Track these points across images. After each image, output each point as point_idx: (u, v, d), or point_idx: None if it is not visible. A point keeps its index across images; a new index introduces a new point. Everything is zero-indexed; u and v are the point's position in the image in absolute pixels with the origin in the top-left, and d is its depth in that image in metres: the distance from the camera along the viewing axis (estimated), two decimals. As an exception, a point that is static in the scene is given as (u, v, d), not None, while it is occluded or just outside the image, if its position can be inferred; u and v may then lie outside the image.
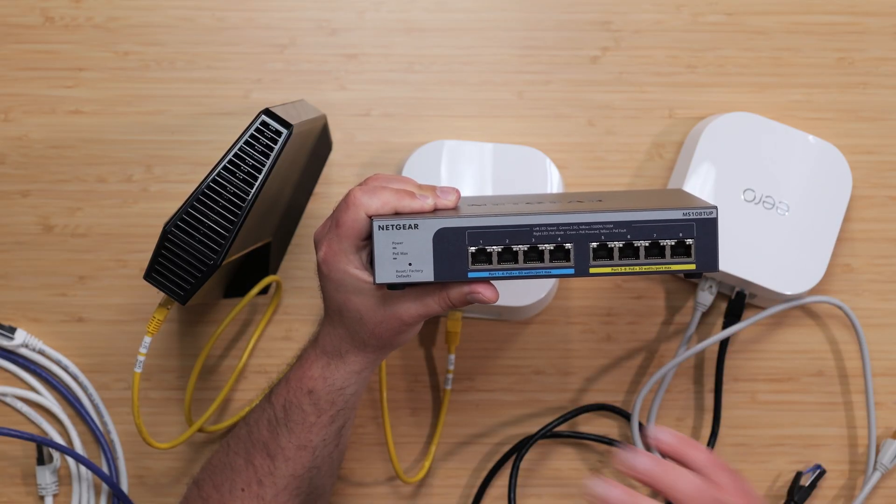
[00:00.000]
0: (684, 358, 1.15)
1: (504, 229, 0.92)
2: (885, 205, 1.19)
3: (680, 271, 0.93)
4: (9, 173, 1.16)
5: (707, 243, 0.92)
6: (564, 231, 0.92)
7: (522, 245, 0.92)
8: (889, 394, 1.19)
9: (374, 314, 0.96)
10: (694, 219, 0.92)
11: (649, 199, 0.99)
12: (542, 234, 0.92)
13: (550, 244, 0.92)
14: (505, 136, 1.17)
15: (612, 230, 0.92)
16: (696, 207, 0.92)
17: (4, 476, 1.17)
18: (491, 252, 0.92)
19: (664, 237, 0.92)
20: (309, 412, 0.99)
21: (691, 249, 0.92)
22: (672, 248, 0.92)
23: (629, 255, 0.92)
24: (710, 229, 0.92)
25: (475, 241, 0.92)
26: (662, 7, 1.18)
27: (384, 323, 0.96)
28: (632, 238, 0.92)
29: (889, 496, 1.19)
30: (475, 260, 0.92)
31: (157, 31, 1.16)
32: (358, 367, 0.99)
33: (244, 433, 1.02)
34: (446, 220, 0.91)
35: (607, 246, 0.92)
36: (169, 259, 0.99)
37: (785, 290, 1.13)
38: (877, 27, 1.18)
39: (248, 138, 0.99)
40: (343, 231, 0.94)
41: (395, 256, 0.91)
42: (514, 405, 1.19)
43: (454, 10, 1.18)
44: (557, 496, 1.19)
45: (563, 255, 0.92)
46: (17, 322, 1.17)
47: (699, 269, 0.93)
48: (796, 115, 1.18)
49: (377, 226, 0.91)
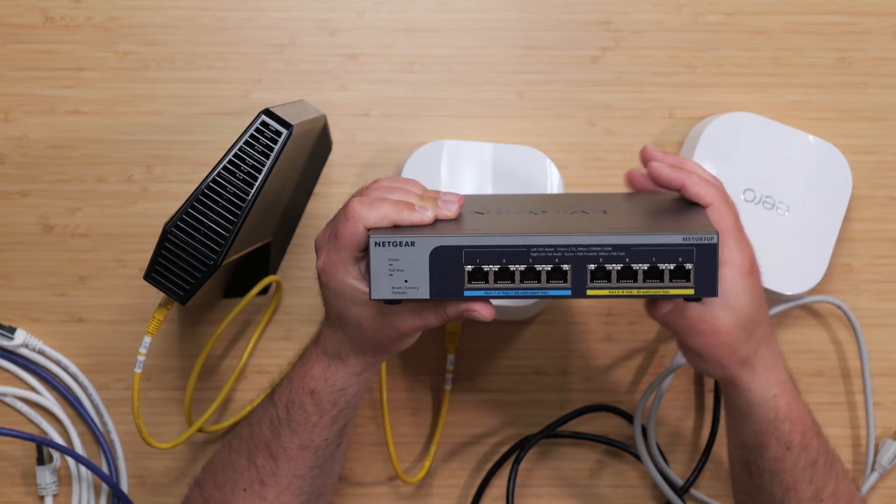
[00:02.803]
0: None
1: (501, 249, 0.91)
2: (885, 205, 1.19)
3: (678, 296, 0.91)
4: (9, 173, 1.16)
5: (707, 268, 0.90)
6: (562, 252, 0.91)
7: (519, 265, 0.91)
8: (889, 394, 1.19)
9: (373, 323, 0.95)
10: (694, 244, 0.90)
11: (653, 213, 0.98)
12: (539, 254, 0.91)
13: (548, 265, 0.91)
14: (505, 136, 1.17)
15: (611, 253, 0.91)
16: (697, 232, 0.90)
17: (4, 476, 1.17)
18: (487, 271, 0.91)
19: (663, 261, 0.91)
20: (311, 412, 0.99)
21: (691, 274, 0.91)
22: (671, 272, 0.91)
23: (627, 277, 0.91)
24: (711, 255, 0.90)
25: (472, 259, 0.91)
26: (662, 7, 1.18)
27: (382, 332, 0.96)
28: (630, 261, 0.91)
29: (889, 496, 1.19)
30: (471, 278, 0.91)
31: (157, 31, 1.16)
32: (358, 369, 0.99)
33: (246, 433, 1.02)
34: (443, 238, 0.91)
35: (605, 268, 0.91)
36: (169, 259, 0.99)
37: (785, 290, 1.13)
38: (877, 27, 1.18)
39: (248, 138, 0.99)
40: (341, 243, 0.94)
41: (392, 273, 0.91)
42: (514, 405, 1.19)
43: (454, 10, 1.18)
44: (557, 496, 1.19)
45: (560, 275, 0.91)
46: (17, 322, 1.17)
47: (698, 294, 0.91)
48: (796, 115, 1.18)
49: (374, 242, 0.91)
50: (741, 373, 0.99)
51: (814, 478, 1.01)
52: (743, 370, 0.99)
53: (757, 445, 1.01)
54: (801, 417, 1.01)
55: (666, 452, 1.19)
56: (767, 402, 0.99)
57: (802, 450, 1.00)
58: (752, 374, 0.99)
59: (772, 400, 0.99)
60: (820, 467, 1.01)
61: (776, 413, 0.99)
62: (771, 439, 1.00)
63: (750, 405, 1.00)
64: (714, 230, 0.91)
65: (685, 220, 0.94)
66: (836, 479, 1.02)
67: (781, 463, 1.00)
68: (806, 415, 1.01)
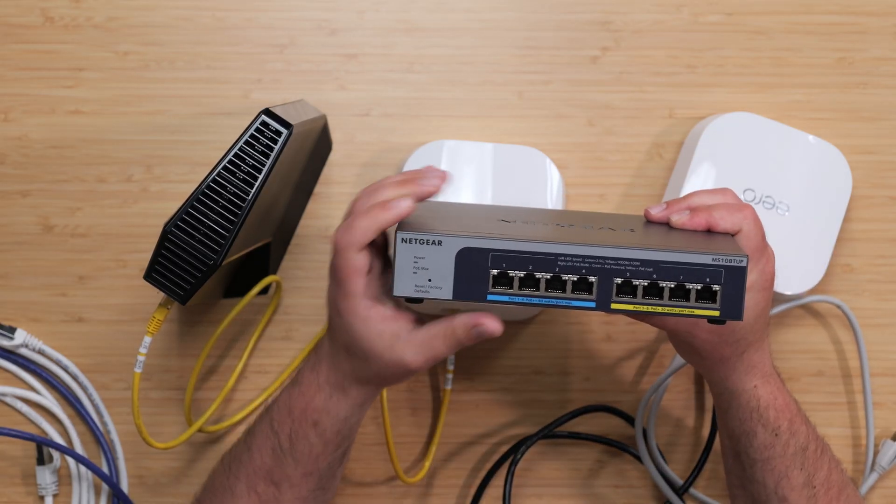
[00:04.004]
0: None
1: (528, 255, 0.90)
2: (885, 205, 1.19)
3: (703, 316, 0.91)
4: (9, 173, 1.16)
5: (734, 291, 0.90)
6: (590, 263, 0.90)
7: (546, 273, 0.90)
8: (889, 394, 1.19)
9: (380, 359, 0.94)
10: (723, 265, 0.90)
11: (681, 234, 0.96)
12: (566, 264, 0.90)
13: (574, 275, 0.90)
14: (505, 136, 1.17)
15: (638, 268, 0.90)
16: (726, 253, 0.90)
17: (4, 476, 1.17)
18: (513, 277, 0.90)
19: (690, 280, 0.90)
20: (315, 443, 0.98)
21: (717, 296, 0.90)
22: (697, 292, 0.90)
23: (653, 294, 0.90)
24: (739, 277, 0.90)
25: (498, 263, 0.90)
26: (662, 7, 1.18)
27: (389, 368, 0.95)
28: (657, 278, 0.90)
29: (889, 496, 1.19)
30: (496, 283, 0.90)
31: (157, 31, 1.16)
32: (360, 400, 0.98)
33: (246, 458, 1.01)
34: (471, 240, 0.90)
35: (632, 283, 0.90)
36: (169, 259, 0.99)
37: (785, 290, 1.13)
38: (877, 27, 1.18)
39: (248, 138, 0.99)
40: (341, 276, 0.93)
41: (416, 271, 0.90)
42: (514, 405, 1.19)
43: (454, 10, 1.18)
44: (557, 496, 1.19)
45: (585, 287, 0.90)
46: (17, 322, 1.17)
47: (723, 316, 0.90)
48: (796, 115, 1.18)
49: (401, 238, 0.90)
50: (718, 366, 1.00)
51: (805, 464, 1.00)
52: (722, 366, 1.00)
53: (745, 434, 1.01)
54: (786, 405, 1.01)
55: (665, 452, 1.19)
56: (747, 391, 1.00)
57: (791, 436, 1.00)
58: (731, 369, 0.99)
59: (751, 390, 1.00)
60: (811, 453, 1.01)
61: (757, 401, 1.00)
62: (757, 426, 1.00)
63: (730, 393, 1.00)
64: (744, 254, 0.90)
65: (714, 242, 0.94)
66: (828, 466, 1.02)
67: (771, 450, 1.00)
68: (792, 403, 1.01)
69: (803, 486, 1.00)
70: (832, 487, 1.01)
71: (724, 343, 0.98)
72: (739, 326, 0.97)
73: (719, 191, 1.00)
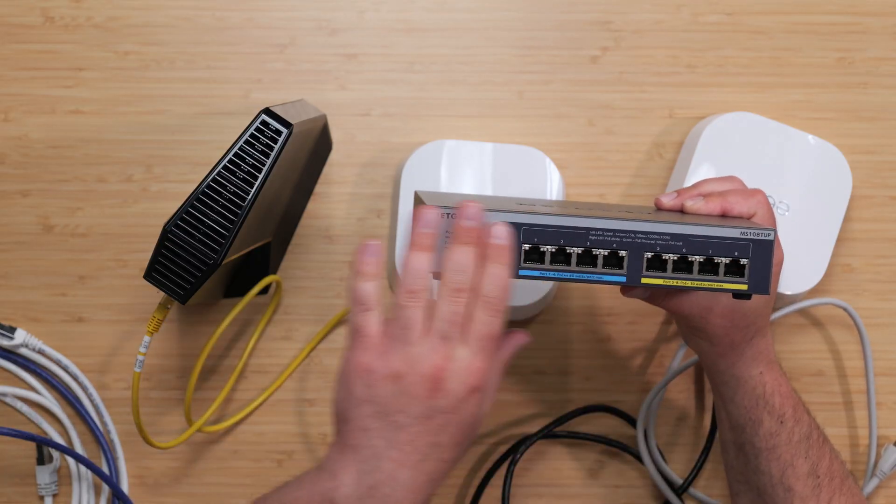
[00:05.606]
0: (688, 366, 1.16)
1: (560, 230, 0.90)
2: (885, 205, 1.19)
3: (731, 290, 0.92)
4: (9, 173, 1.16)
5: (761, 265, 0.91)
6: (620, 238, 0.91)
7: (577, 248, 0.91)
8: (889, 394, 1.19)
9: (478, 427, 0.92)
10: (751, 239, 0.91)
11: (704, 216, 0.98)
12: (597, 238, 0.91)
13: (605, 249, 0.91)
14: (505, 136, 1.17)
15: (669, 242, 0.91)
16: (754, 227, 0.92)
17: (4, 476, 1.17)
18: (544, 251, 0.91)
19: (719, 254, 0.91)
20: None
21: (745, 270, 0.92)
22: (726, 266, 0.92)
23: (682, 268, 0.92)
24: (766, 251, 0.91)
25: (530, 238, 0.90)
26: (662, 7, 1.18)
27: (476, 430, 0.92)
28: (687, 252, 0.91)
29: (889, 496, 1.19)
30: (527, 258, 0.91)
31: (157, 31, 1.16)
32: None
33: None
34: (502, 215, 0.90)
35: (661, 257, 0.91)
36: (169, 259, 0.99)
37: (785, 290, 1.13)
38: (877, 27, 1.18)
39: (248, 138, 0.99)
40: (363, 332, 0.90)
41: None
42: (514, 405, 1.19)
43: (454, 10, 1.18)
44: (557, 496, 1.19)
45: (616, 261, 0.91)
46: (17, 322, 1.17)
47: (751, 290, 0.92)
48: (796, 115, 1.18)
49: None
50: (728, 351, 1.00)
51: (809, 452, 1.01)
52: (731, 352, 1.00)
53: (750, 422, 1.01)
54: (789, 392, 1.02)
55: (665, 452, 1.19)
56: (753, 378, 1.01)
57: (796, 423, 1.01)
58: (739, 354, 1.00)
59: (757, 376, 1.01)
60: (814, 441, 1.01)
61: (763, 388, 1.01)
62: (763, 413, 1.01)
63: (736, 380, 1.01)
64: (771, 227, 0.92)
65: (738, 220, 0.96)
66: (829, 456, 1.02)
67: (777, 437, 1.00)
68: (793, 392, 1.02)
69: (808, 476, 1.00)
70: (835, 478, 1.01)
71: (735, 328, 0.99)
72: (751, 310, 0.98)
73: (727, 178, 1.02)
